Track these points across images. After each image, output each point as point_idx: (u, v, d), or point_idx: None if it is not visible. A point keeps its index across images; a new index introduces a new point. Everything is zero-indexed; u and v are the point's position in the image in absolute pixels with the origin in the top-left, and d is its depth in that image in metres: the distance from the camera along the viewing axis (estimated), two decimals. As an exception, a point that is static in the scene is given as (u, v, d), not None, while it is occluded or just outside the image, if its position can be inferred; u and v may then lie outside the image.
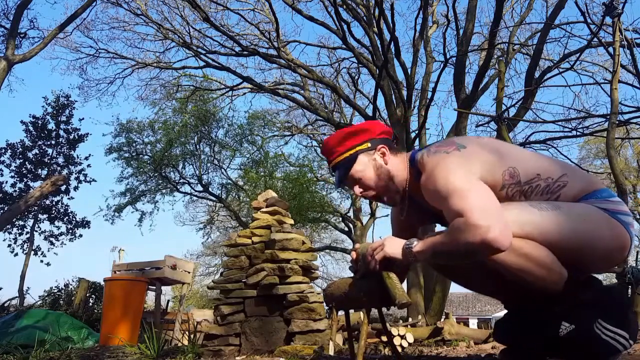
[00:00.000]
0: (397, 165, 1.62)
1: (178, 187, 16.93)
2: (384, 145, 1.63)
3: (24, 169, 15.11)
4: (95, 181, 16.04)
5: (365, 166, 1.61)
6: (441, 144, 1.55)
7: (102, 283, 6.21)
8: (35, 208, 14.49)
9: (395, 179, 1.61)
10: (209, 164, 16.95)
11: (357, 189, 1.63)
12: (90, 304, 9.08)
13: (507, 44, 10.46)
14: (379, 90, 9.56)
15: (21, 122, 15.23)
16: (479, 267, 1.41)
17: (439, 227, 1.83)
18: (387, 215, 19.70)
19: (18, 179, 14.97)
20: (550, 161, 1.54)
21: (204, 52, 11.81)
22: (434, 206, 1.47)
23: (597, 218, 1.37)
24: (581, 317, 1.35)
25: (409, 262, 1.47)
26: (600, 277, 1.72)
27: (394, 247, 1.47)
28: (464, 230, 1.28)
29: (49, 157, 15.54)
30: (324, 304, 3.18)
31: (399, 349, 4.16)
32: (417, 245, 1.42)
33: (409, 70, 9.83)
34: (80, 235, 15.62)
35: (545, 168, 1.47)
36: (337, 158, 1.65)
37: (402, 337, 4.69)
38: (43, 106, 15.54)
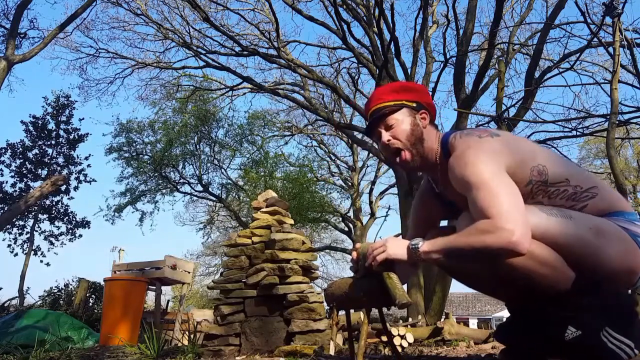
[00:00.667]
0: (431, 136, 1.62)
1: (178, 187, 16.94)
2: (427, 112, 1.64)
3: (24, 169, 15.12)
4: (95, 181, 16.09)
5: (404, 118, 1.61)
6: (475, 129, 1.56)
7: (102, 283, 6.21)
8: (35, 208, 14.49)
9: (425, 143, 1.60)
10: (209, 164, 16.97)
11: (386, 135, 1.61)
12: (90, 304, 9.08)
13: (507, 44, 10.45)
14: (379, 90, 9.53)
15: (21, 122, 15.29)
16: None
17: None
18: (387, 215, 19.74)
19: (18, 179, 14.99)
20: (582, 171, 1.53)
21: (204, 52, 11.81)
22: (457, 189, 1.45)
23: (612, 234, 1.35)
24: (589, 323, 1.33)
25: (414, 263, 1.45)
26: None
27: (397, 247, 1.45)
28: (490, 232, 1.27)
29: (49, 157, 15.55)
30: (324, 303, 3.19)
31: (399, 349, 4.16)
32: (424, 245, 1.40)
33: (409, 70, 9.83)
34: (80, 235, 15.66)
35: (575, 176, 1.45)
36: (380, 104, 1.64)
37: (402, 337, 4.68)
38: (43, 106, 15.58)
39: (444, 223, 1.80)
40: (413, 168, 1.64)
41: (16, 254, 14.69)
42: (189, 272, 7.17)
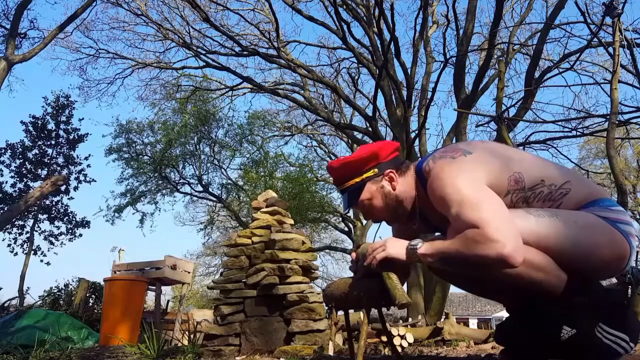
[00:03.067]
0: (406, 186, 1.61)
1: (178, 187, 16.93)
2: (392, 169, 1.61)
3: (24, 169, 15.11)
4: (95, 181, 16.08)
5: (373, 195, 1.60)
6: (446, 149, 1.53)
7: (102, 283, 6.22)
8: (35, 208, 14.49)
9: (404, 202, 1.60)
10: (209, 164, 16.96)
11: (367, 216, 1.65)
12: (90, 304, 9.07)
13: (507, 44, 10.46)
14: (379, 90, 9.56)
15: (21, 122, 15.27)
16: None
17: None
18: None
19: (18, 179, 14.97)
20: (555, 167, 1.52)
21: (204, 52, 11.80)
22: (440, 212, 1.45)
23: (595, 226, 1.36)
24: (582, 321, 1.34)
25: (412, 263, 1.46)
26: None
27: (397, 247, 1.46)
28: (480, 242, 1.26)
29: (49, 157, 15.54)
30: (324, 304, 3.19)
31: (399, 349, 4.16)
32: (422, 247, 1.41)
33: (409, 70, 9.83)
34: (80, 235, 15.65)
35: (549, 174, 1.45)
36: (344, 184, 1.64)
37: (402, 337, 4.68)
38: (43, 106, 15.57)
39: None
40: (406, 221, 1.67)
41: (16, 254, 14.71)
42: (188, 272, 7.17)
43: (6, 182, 14.90)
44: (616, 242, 1.36)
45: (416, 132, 10.13)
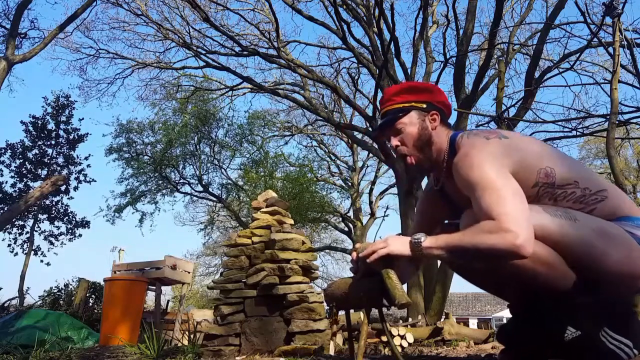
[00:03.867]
0: (441, 137, 1.62)
1: (178, 187, 16.94)
2: (438, 113, 1.64)
3: (24, 169, 15.10)
4: (95, 181, 16.07)
5: (412, 121, 1.62)
6: (484, 130, 1.56)
7: (102, 283, 6.22)
8: (35, 208, 14.48)
9: (433, 146, 1.61)
10: (209, 164, 16.97)
11: (394, 141, 1.64)
12: (90, 304, 9.06)
13: (507, 44, 10.46)
14: (379, 90, 9.56)
15: (21, 122, 15.26)
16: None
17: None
18: (387, 215, 19.74)
19: (18, 179, 14.97)
20: (593, 174, 1.52)
21: (204, 52, 11.81)
22: (461, 189, 1.45)
23: (617, 237, 1.34)
24: (588, 323, 1.33)
25: (416, 258, 1.44)
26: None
27: (399, 244, 1.43)
28: (494, 232, 1.27)
29: (49, 157, 15.53)
30: (324, 304, 3.18)
31: (399, 349, 4.16)
32: (426, 240, 1.39)
33: (409, 70, 9.84)
34: (80, 235, 15.64)
35: (585, 178, 1.44)
36: (391, 105, 1.67)
37: (402, 337, 4.68)
38: (43, 106, 15.56)
39: None
40: (422, 171, 1.67)
41: (16, 254, 14.70)
42: (188, 272, 7.17)
43: (6, 182, 14.91)
44: (634, 259, 1.33)
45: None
